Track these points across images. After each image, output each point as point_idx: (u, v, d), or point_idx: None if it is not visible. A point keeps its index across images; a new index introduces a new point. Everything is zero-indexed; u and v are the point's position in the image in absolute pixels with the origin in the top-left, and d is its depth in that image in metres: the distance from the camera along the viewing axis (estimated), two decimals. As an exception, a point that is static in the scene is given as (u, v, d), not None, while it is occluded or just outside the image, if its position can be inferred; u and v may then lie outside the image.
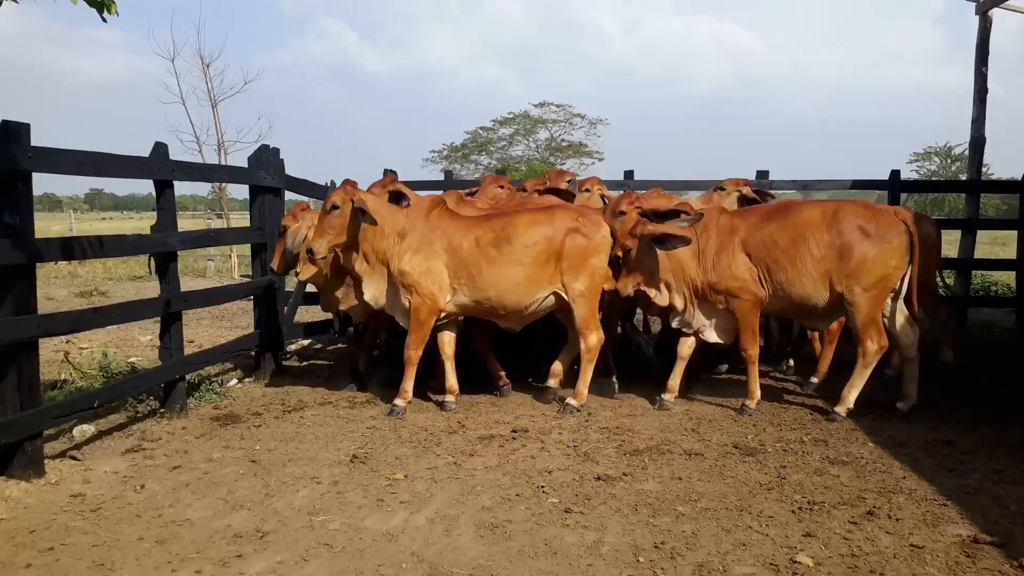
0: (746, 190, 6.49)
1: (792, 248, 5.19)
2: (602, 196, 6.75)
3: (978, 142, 9.93)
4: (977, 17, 9.89)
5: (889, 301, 5.27)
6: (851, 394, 5.21)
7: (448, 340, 5.60)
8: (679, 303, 5.47)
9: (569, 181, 6.72)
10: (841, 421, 5.14)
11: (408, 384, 5.41)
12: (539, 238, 5.27)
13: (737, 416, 5.29)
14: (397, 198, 5.34)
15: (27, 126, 3.96)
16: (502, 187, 7.09)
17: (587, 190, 6.77)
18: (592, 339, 5.39)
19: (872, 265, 5.04)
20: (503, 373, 5.88)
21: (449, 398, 5.52)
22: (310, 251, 5.23)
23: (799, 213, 5.32)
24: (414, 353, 5.38)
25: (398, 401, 5.38)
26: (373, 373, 6.26)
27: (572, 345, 5.70)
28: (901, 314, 5.30)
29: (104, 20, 3.38)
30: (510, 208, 5.98)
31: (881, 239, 5.06)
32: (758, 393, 5.43)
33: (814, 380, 6.03)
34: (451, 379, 5.57)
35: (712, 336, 5.51)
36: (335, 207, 5.18)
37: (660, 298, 5.45)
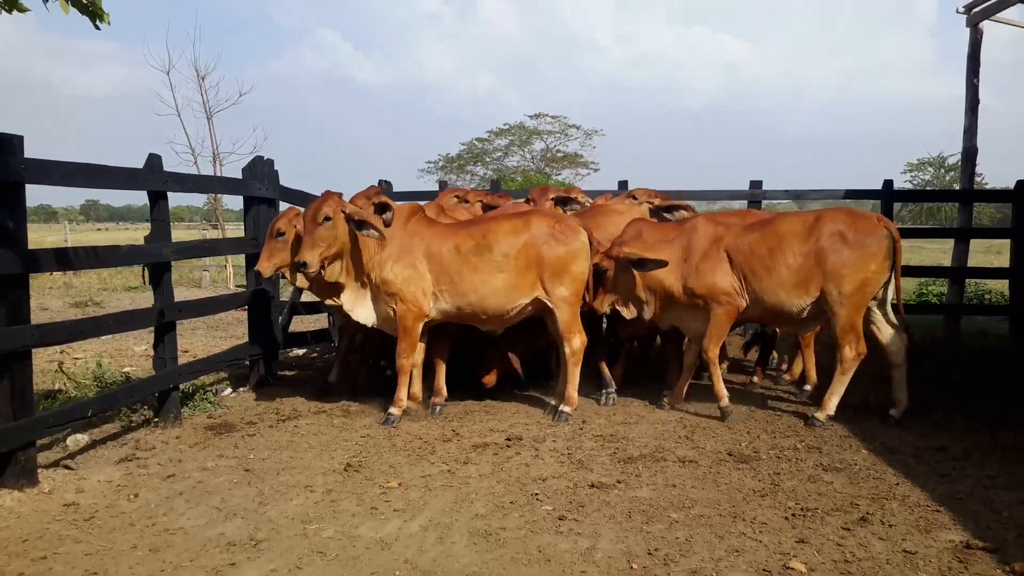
0: (658, 201, 6.54)
1: (772, 254, 5.24)
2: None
3: (970, 152, 9.98)
4: (968, 29, 9.97)
5: (876, 308, 5.31)
6: (832, 400, 5.26)
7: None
8: (647, 315, 5.63)
9: (553, 198, 6.70)
10: (823, 426, 5.18)
11: (402, 392, 5.41)
12: (518, 244, 5.32)
13: (731, 424, 5.31)
14: (382, 209, 5.36)
15: (20, 137, 3.98)
16: (458, 198, 7.11)
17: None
18: (576, 342, 5.41)
19: (851, 270, 5.07)
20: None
21: (395, 410, 5.38)
22: (303, 264, 5.10)
23: (783, 220, 5.38)
24: (405, 361, 5.38)
25: (393, 410, 5.38)
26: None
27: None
28: (887, 321, 5.34)
29: (97, 28, 3.40)
30: (488, 215, 6.07)
31: (860, 244, 5.09)
32: (725, 392, 5.45)
33: (807, 388, 6.09)
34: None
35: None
36: (327, 218, 5.13)
37: (627, 312, 5.65)
